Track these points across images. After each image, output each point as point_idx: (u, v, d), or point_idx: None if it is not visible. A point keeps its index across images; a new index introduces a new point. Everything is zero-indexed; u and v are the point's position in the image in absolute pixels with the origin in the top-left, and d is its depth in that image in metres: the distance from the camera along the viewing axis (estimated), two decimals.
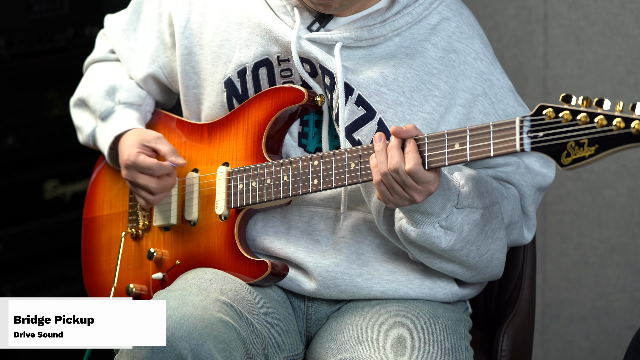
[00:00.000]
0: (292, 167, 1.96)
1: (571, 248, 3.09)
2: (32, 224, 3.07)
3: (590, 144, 1.63)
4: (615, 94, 2.94)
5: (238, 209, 2.04)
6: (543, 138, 1.68)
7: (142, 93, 2.20)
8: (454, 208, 1.88)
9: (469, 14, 2.05)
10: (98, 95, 2.19)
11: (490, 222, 1.94)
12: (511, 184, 2.04)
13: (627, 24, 2.91)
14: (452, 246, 1.91)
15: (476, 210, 1.90)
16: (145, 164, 2.05)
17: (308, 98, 2.00)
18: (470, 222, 1.90)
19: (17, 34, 3.00)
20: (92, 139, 2.20)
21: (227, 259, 2.03)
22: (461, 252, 1.93)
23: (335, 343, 1.97)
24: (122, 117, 2.16)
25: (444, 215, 1.88)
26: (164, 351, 1.82)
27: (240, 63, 2.06)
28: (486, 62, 2.01)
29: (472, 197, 1.89)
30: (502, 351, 2.10)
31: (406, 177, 1.79)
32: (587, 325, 3.10)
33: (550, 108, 1.67)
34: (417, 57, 1.98)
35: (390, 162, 1.81)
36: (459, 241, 1.91)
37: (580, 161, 1.64)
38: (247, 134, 2.05)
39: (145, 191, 2.08)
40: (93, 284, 2.23)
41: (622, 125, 1.60)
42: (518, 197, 2.04)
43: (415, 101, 1.98)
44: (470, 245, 1.92)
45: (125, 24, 2.23)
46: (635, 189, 2.98)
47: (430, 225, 1.88)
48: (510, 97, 2.02)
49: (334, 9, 1.97)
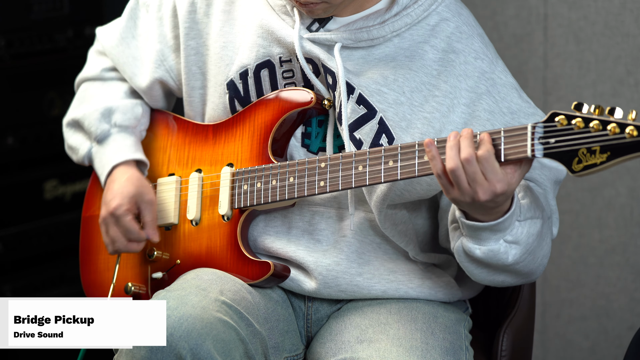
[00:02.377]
0: (298, 169, 1.96)
1: (571, 248, 3.09)
2: (32, 224, 3.07)
3: (602, 151, 1.67)
4: (615, 94, 2.94)
5: (242, 209, 2.04)
6: (555, 144, 1.71)
7: (137, 114, 2.19)
8: (516, 222, 1.86)
9: (469, 14, 2.05)
10: (93, 118, 2.18)
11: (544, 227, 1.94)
12: (533, 181, 2.03)
13: (627, 24, 2.91)
14: (517, 259, 1.88)
15: (537, 220, 1.90)
16: (127, 225, 2.07)
17: (316, 101, 2.00)
18: (533, 233, 1.89)
19: (17, 34, 3.00)
20: (88, 159, 2.20)
21: (229, 260, 2.03)
22: (522, 264, 1.91)
23: (336, 343, 1.97)
24: (118, 143, 2.15)
25: (508, 230, 1.86)
26: (163, 351, 1.82)
27: (242, 65, 2.06)
28: (487, 60, 2.01)
29: (534, 208, 1.89)
30: (502, 351, 2.10)
31: (477, 167, 1.74)
32: (587, 325, 3.10)
33: (563, 115, 1.70)
34: (417, 59, 1.98)
35: (463, 152, 1.75)
36: (523, 253, 1.89)
37: (591, 168, 1.67)
38: (252, 135, 2.05)
39: (110, 241, 2.10)
40: (91, 282, 2.23)
41: (635, 134, 1.64)
42: (544, 194, 2.01)
43: (415, 101, 1.98)
44: (530, 255, 1.91)
45: (123, 32, 2.22)
46: (635, 189, 2.98)
47: (495, 242, 1.86)
48: (514, 94, 2.02)
49: (317, 14, 1.97)
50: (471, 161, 1.75)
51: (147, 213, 2.09)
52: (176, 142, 2.16)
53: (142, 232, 2.08)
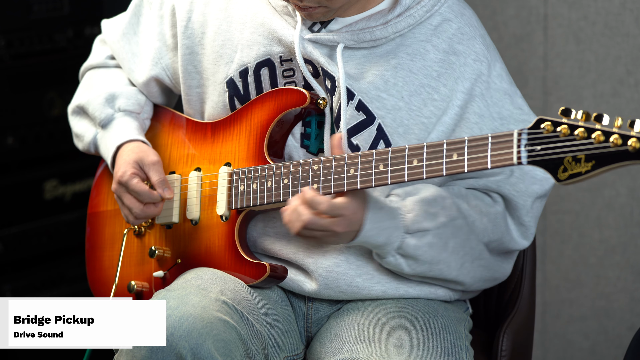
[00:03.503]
0: (292, 171, 1.95)
1: (571, 248, 3.09)
2: (32, 224, 3.07)
3: (587, 159, 1.63)
4: (615, 94, 2.94)
5: (239, 210, 2.04)
6: (540, 152, 1.67)
7: (141, 100, 2.20)
8: (405, 235, 1.92)
9: (472, 14, 2.04)
10: (97, 103, 2.19)
11: (455, 236, 1.96)
12: (502, 195, 2.03)
13: (627, 24, 2.91)
14: (416, 270, 1.96)
15: (427, 232, 1.93)
16: (135, 188, 2.07)
17: (310, 101, 2.00)
18: (423, 245, 1.93)
19: (17, 34, 3.00)
20: (94, 146, 2.21)
21: (227, 260, 2.03)
22: (432, 273, 1.98)
23: (336, 343, 1.97)
24: (122, 125, 2.16)
25: (397, 244, 1.92)
26: (164, 351, 1.82)
27: (242, 63, 2.06)
28: (485, 63, 2.00)
29: (420, 221, 1.93)
30: (502, 351, 2.10)
31: (319, 221, 1.84)
32: (587, 325, 3.10)
33: (549, 122, 1.66)
34: (418, 58, 1.98)
35: (300, 218, 1.85)
36: (420, 264, 1.95)
37: (576, 177, 1.64)
38: (249, 135, 2.05)
39: (128, 210, 2.09)
40: (96, 279, 2.23)
41: (619, 142, 1.59)
42: (502, 213, 2.03)
43: (413, 105, 1.98)
44: (438, 265, 1.96)
45: (125, 28, 2.23)
46: (635, 189, 2.98)
47: (389, 255, 1.94)
48: (506, 100, 2.01)
49: (317, 18, 1.97)
50: (314, 222, 1.84)
51: (153, 174, 2.09)
52: (177, 140, 2.16)
53: (154, 192, 2.07)
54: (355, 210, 1.86)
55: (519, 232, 2.05)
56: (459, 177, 2.03)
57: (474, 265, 2.00)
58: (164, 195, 2.07)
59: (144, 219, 2.10)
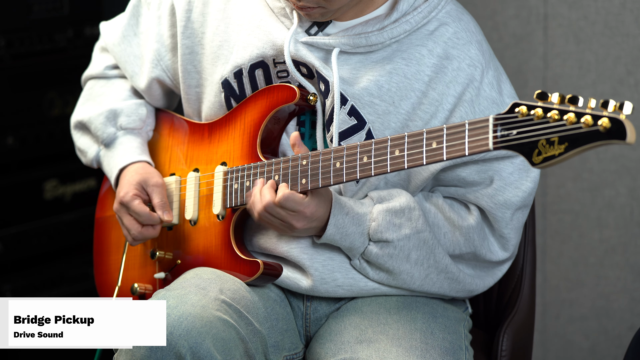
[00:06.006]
0: (282, 167, 1.96)
1: (571, 248, 3.09)
2: (32, 224, 3.07)
3: (560, 142, 1.61)
4: (615, 94, 2.94)
5: (234, 208, 2.04)
6: (516, 136, 1.66)
7: (142, 115, 2.21)
8: (368, 242, 1.97)
9: (469, 19, 2.04)
10: (99, 122, 2.20)
11: (419, 248, 1.98)
12: (480, 207, 2.04)
13: (627, 24, 2.91)
14: (380, 277, 2.01)
15: (388, 243, 1.97)
16: (136, 209, 2.08)
17: (300, 96, 2.00)
18: (384, 254, 1.97)
19: (17, 34, 3.00)
20: (97, 162, 2.23)
21: (224, 259, 2.04)
22: (395, 282, 2.01)
23: (335, 343, 1.97)
24: (125, 145, 2.17)
25: (360, 250, 1.98)
26: (163, 350, 1.82)
27: (237, 64, 2.06)
28: (479, 69, 2.00)
29: (382, 231, 1.96)
30: (502, 351, 2.10)
31: (278, 210, 1.91)
32: (587, 325, 3.10)
33: (524, 106, 1.65)
34: (414, 64, 1.98)
35: (263, 199, 1.92)
36: (383, 272, 2.00)
37: (550, 159, 1.62)
38: (243, 133, 2.06)
39: (126, 231, 2.11)
40: (102, 282, 2.25)
41: (590, 123, 1.58)
42: (476, 227, 2.03)
43: (402, 109, 1.99)
44: (400, 275, 2.00)
45: (125, 30, 2.23)
46: (635, 189, 2.98)
47: (355, 258, 1.99)
48: (493, 109, 2.00)
49: (315, 18, 1.98)
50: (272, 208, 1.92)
51: (155, 195, 2.10)
52: (177, 142, 2.17)
53: (154, 215, 2.09)
54: (314, 211, 1.92)
55: (499, 245, 2.06)
56: (442, 182, 2.03)
57: (439, 277, 2.02)
58: (163, 217, 2.09)
59: (142, 241, 2.11)
